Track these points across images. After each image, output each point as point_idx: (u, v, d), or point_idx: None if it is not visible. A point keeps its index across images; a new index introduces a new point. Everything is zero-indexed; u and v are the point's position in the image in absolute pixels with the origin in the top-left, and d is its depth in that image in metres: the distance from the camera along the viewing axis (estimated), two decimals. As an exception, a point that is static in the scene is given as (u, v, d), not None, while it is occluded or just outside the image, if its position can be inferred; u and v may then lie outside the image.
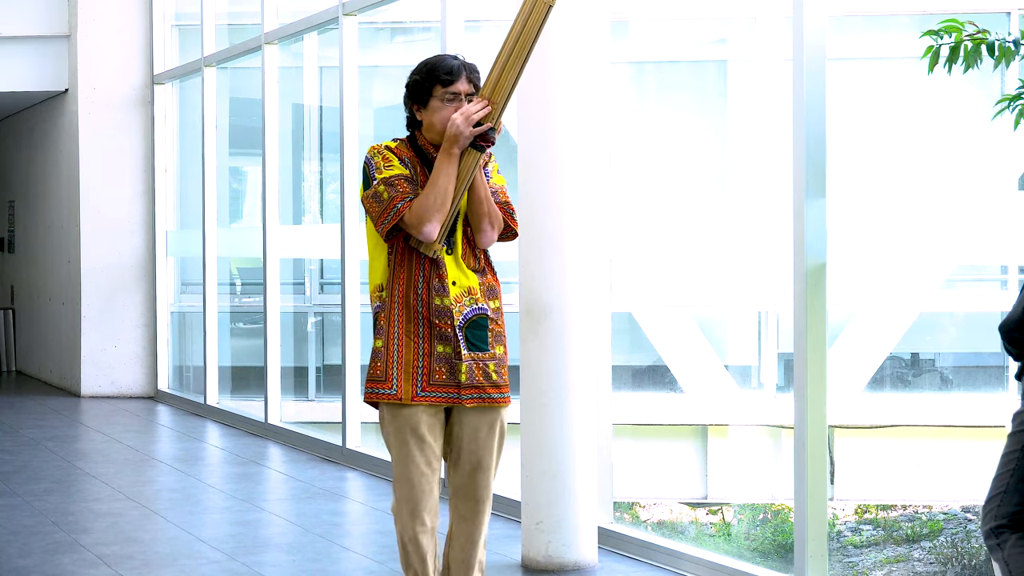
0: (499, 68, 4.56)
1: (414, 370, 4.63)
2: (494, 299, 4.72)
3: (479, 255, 4.71)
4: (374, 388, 4.71)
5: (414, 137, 4.72)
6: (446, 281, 4.61)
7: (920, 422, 10.78)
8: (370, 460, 9.03)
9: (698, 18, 11.48)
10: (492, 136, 4.57)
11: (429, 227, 4.52)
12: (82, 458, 9.89)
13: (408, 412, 4.64)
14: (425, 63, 4.68)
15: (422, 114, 4.68)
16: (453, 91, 4.61)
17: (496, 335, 4.71)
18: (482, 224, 4.65)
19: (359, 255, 9.47)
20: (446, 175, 4.53)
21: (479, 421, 4.68)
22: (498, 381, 4.69)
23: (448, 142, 4.54)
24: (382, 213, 4.58)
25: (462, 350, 4.62)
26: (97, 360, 13.39)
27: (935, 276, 10.80)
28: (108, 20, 13.29)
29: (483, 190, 4.63)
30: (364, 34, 9.92)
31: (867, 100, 10.90)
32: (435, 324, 4.61)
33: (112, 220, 13.31)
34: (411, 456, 4.63)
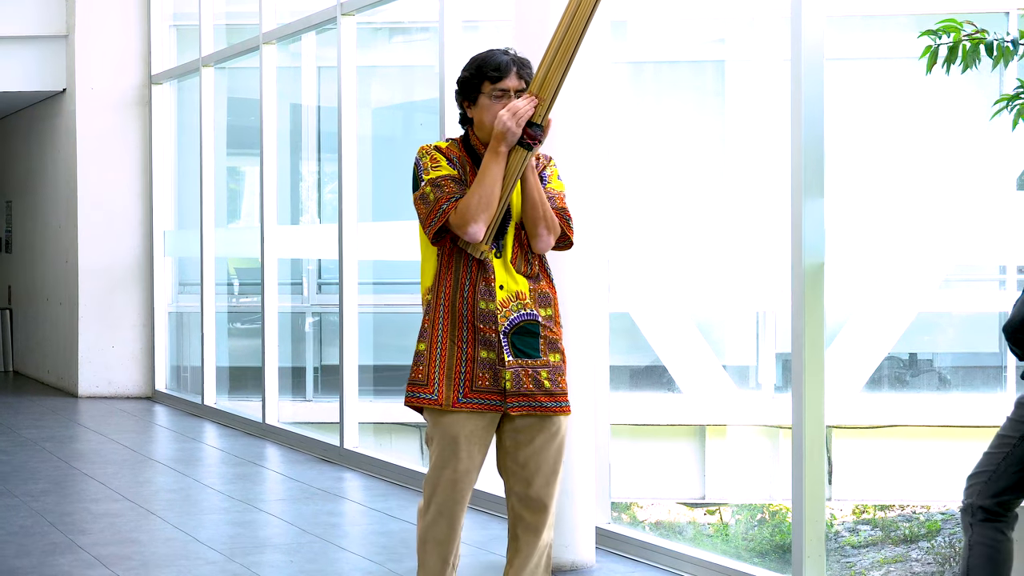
0: (547, 63, 4.43)
1: (456, 375, 4.50)
2: (547, 306, 4.57)
3: (532, 260, 4.57)
4: (415, 392, 4.58)
5: (467, 135, 4.61)
6: (493, 285, 4.49)
7: (918, 422, 10.78)
8: (368, 460, 9.03)
9: (696, 18, 11.48)
10: (539, 134, 4.43)
11: (475, 227, 4.40)
12: (79, 458, 9.88)
13: (450, 420, 4.51)
14: (474, 59, 4.57)
15: (472, 111, 4.57)
16: (502, 88, 4.49)
17: (550, 342, 4.55)
18: (537, 228, 4.52)
19: (357, 255, 9.46)
20: (492, 174, 4.42)
21: (534, 429, 4.55)
22: (552, 389, 4.53)
23: (495, 140, 4.42)
24: (429, 214, 4.46)
25: (506, 356, 4.48)
26: (94, 360, 13.38)
27: (933, 276, 10.80)
28: (106, 20, 13.28)
29: (536, 192, 4.50)
30: (362, 34, 9.91)
31: (865, 100, 10.90)
32: (479, 329, 4.48)
33: (110, 220, 13.31)
34: (446, 462, 4.51)
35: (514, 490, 4.61)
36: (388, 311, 11.75)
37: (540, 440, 4.54)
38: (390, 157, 11.96)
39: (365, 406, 9.80)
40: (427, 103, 10.39)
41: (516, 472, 4.58)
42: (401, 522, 7.50)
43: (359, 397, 9.46)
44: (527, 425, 4.53)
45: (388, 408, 11.28)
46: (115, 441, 10.64)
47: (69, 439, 10.87)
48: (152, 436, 11.28)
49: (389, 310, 11.76)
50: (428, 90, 10.10)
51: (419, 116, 11.83)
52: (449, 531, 4.56)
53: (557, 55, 4.40)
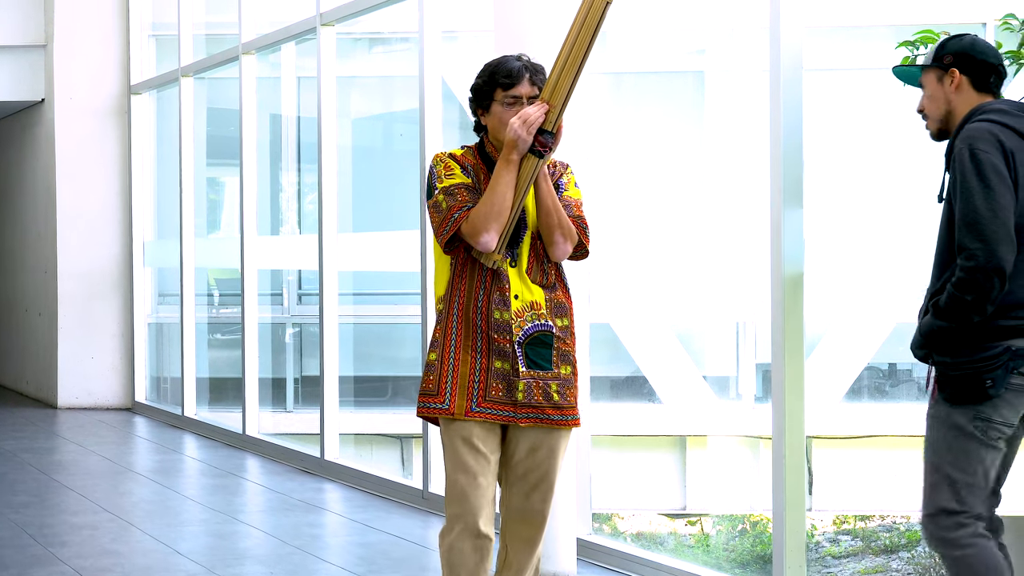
0: (558, 70, 4.36)
1: (469, 385, 4.43)
2: (563, 317, 4.51)
3: (549, 270, 4.52)
4: (426, 402, 4.49)
5: (482, 143, 4.56)
6: (508, 294, 4.43)
7: (898, 432, 10.79)
8: (348, 472, 9.01)
9: (676, 29, 11.51)
10: (551, 141, 4.38)
11: (487, 236, 4.36)
12: (59, 470, 9.85)
13: (463, 425, 4.44)
14: (487, 65, 4.52)
15: (486, 119, 4.52)
16: (514, 94, 4.45)
17: (562, 354, 4.49)
18: (554, 235, 4.47)
19: (337, 266, 9.45)
20: (504, 182, 4.36)
21: (537, 441, 4.49)
22: (560, 402, 4.48)
23: (507, 148, 4.37)
24: (441, 223, 4.41)
25: (520, 367, 4.43)
26: (74, 371, 13.35)
27: (912, 286, 10.82)
28: (85, 30, 13.26)
29: (550, 199, 4.45)
30: (342, 44, 9.91)
31: (844, 111, 10.93)
32: (494, 339, 4.42)
33: (89, 230, 13.28)
34: (465, 464, 4.43)
35: (511, 503, 4.57)
36: (368, 322, 11.74)
37: (542, 453, 4.51)
38: (370, 167, 11.96)
39: (345, 417, 9.78)
40: (407, 113, 10.40)
41: (514, 484, 4.54)
42: (381, 533, 7.49)
43: (339, 408, 9.44)
44: (531, 436, 4.49)
45: (368, 419, 11.27)
46: (95, 452, 10.61)
47: (48, 451, 10.83)
48: (132, 447, 11.25)
49: (369, 321, 11.75)
50: (408, 100, 10.10)
51: (399, 126, 11.83)
52: (474, 549, 4.45)
53: (568, 60, 4.34)
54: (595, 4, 4.31)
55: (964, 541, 4.20)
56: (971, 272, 4.08)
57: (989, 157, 4.13)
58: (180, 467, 10.19)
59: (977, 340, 4.15)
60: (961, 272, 4.11)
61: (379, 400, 11.91)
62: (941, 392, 4.24)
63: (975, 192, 4.11)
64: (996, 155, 4.13)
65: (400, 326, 11.53)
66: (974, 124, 4.21)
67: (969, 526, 4.21)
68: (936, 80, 4.35)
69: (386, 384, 12.04)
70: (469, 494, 4.43)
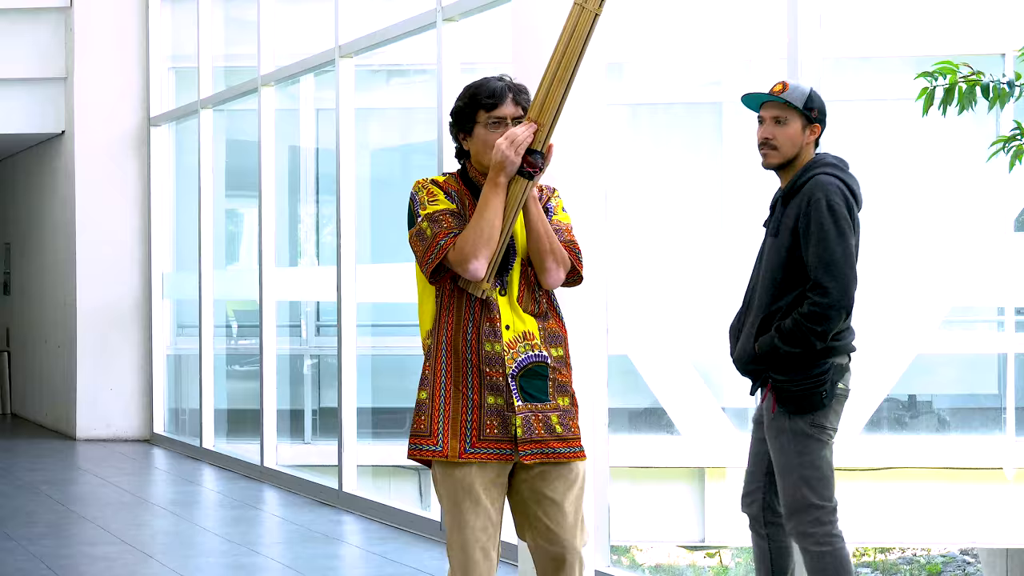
0: (545, 87, 4.16)
1: (462, 424, 4.19)
2: (557, 346, 4.29)
3: (540, 298, 4.29)
4: (418, 444, 4.24)
5: (464, 169, 4.34)
6: (498, 325, 4.21)
7: (917, 464, 10.75)
8: (366, 504, 9.00)
9: (693, 60, 11.53)
10: (540, 161, 4.17)
11: (475, 264, 4.12)
12: (77, 501, 9.85)
13: (461, 472, 4.19)
14: (468, 87, 4.31)
15: (468, 143, 4.30)
16: (498, 115, 4.22)
17: (559, 385, 4.27)
18: (545, 262, 4.24)
19: (355, 297, 9.45)
20: (492, 207, 4.14)
21: (552, 479, 4.26)
22: (564, 434, 4.25)
23: (493, 170, 4.14)
24: (426, 251, 4.19)
25: (515, 401, 4.19)
26: (93, 403, 13.36)
27: (932, 317, 10.79)
28: (105, 63, 13.32)
29: (540, 224, 4.23)
30: (360, 76, 9.94)
31: (862, 141, 10.92)
32: (485, 373, 4.19)
33: (108, 262, 13.31)
34: (465, 520, 4.19)
35: (539, 546, 4.33)
36: (387, 353, 11.73)
37: (561, 488, 4.28)
38: (388, 199, 11.97)
39: (364, 449, 9.77)
40: (425, 145, 10.41)
41: (538, 526, 4.29)
42: (400, 565, 7.47)
43: (358, 440, 9.44)
44: (544, 473, 4.25)
45: (387, 451, 11.25)
46: (113, 484, 10.61)
47: (67, 482, 10.84)
48: (150, 479, 11.25)
49: (388, 352, 11.74)
50: (426, 132, 10.11)
51: (417, 158, 11.86)
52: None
53: (556, 76, 4.16)
54: (584, 15, 4.15)
55: (825, 538, 4.82)
56: (825, 307, 4.71)
57: (842, 209, 4.76)
58: (198, 499, 10.19)
59: (809, 360, 4.79)
60: (814, 306, 4.72)
61: (397, 432, 11.89)
62: (782, 406, 4.85)
63: (832, 238, 4.72)
64: (845, 207, 4.77)
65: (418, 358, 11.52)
66: (825, 177, 4.82)
67: (829, 523, 4.85)
68: (801, 126, 4.90)
69: (404, 415, 12.02)
70: (469, 550, 4.21)
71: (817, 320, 4.71)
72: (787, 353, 4.77)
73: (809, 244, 4.74)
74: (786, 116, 4.89)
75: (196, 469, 11.40)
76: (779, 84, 4.96)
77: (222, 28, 12.49)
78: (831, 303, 4.71)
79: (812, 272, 4.73)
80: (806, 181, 4.84)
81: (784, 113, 4.89)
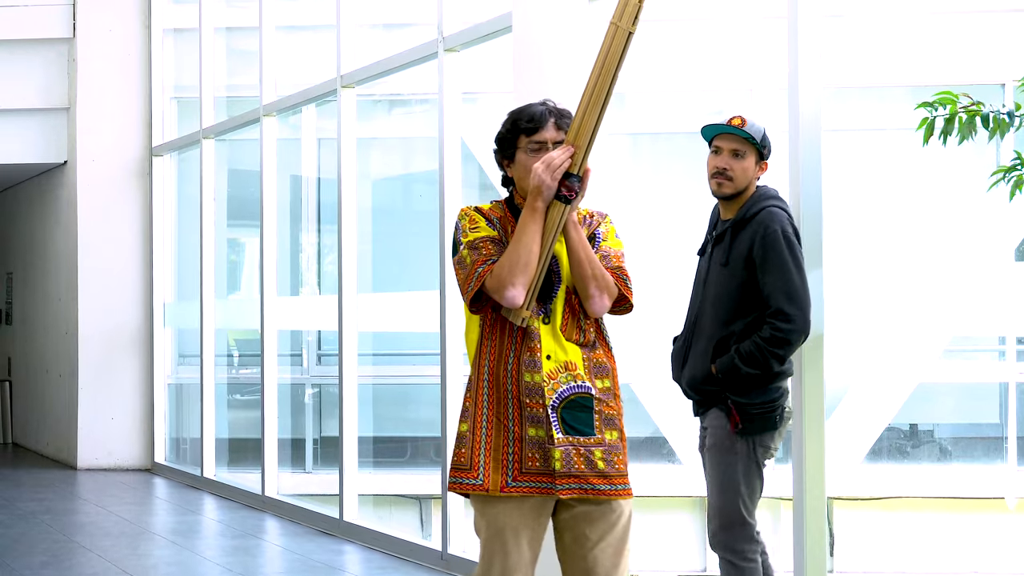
0: (582, 109, 4.11)
1: (504, 457, 4.09)
2: (604, 377, 4.19)
3: (587, 326, 4.20)
4: (459, 478, 4.15)
5: (511, 196, 4.28)
6: (538, 355, 4.11)
7: (919, 494, 10.73)
8: (367, 533, 8.99)
9: (694, 89, 11.55)
10: (577, 185, 4.09)
11: (512, 291, 4.04)
12: (78, 531, 9.84)
13: (498, 509, 4.11)
14: (510, 113, 4.27)
15: (512, 169, 4.25)
16: (538, 140, 4.17)
17: (606, 418, 4.16)
18: (588, 288, 4.14)
19: (357, 326, 9.46)
20: (530, 232, 4.05)
21: (588, 519, 4.14)
22: (606, 470, 4.13)
23: (531, 196, 4.08)
24: (466, 279, 4.13)
25: (555, 433, 4.08)
26: (94, 432, 13.36)
27: (933, 346, 10.79)
28: (107, 93, 13.36)
29: (581, 249, 4.13)
30: (362, 106, 9.96)
31: (863, 171, 10.93)
32: (526, 404, 4.10)
33: (110, 292, 13.32)
34: (494, 557, 4.11)
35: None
36: (388, 382, 11.73)
37: (600, 529, 4.15)
38: (390, 228, 11.98)
39: (365, 478, 9.76)
40: (426, 174, 10.43)
41: (576, 567, 4.19)
42: (400, 595, 7.46)
43: (359, 469, 9.43)
44: (585, 513, 4.14)
45: (388, 480, 11.24)
46: (114, 513, 10.60)
47: (68, 511, 10.83)
48: (151, 508, 11.24)
49: (389, 381, 11.74)
50: (428, 161, 10.13)
51: (419, 187, 11.87)
52: None
53: (592, 98, 4.09)
54: (618, 35, 4.08)
55: (751, 555, 5.08)
56: (787, 332, 4.97)
57: (794, 239, 5.05)
58: (199, 528, 10.17)
59: (764, 382, 5.03)
60: (777, 331, 4.97)
61: (398, 461, 11.89)
62: (741, 425, 5.04)
63: (791, 267, 5.00)
64: (795, 237, 5.08)
65: (419, 387, 11.52)
66: (776, 210, 5.08)
67: (756, 543, 5.10)
68: (755, 161, 5.15)
69: (405, 445, 12.02)
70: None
71: (779, 344, 4.97)
72: (746, 375, 5.00)
73: (767, 273, 5.01)
74: (745, 150, 5.14)
75: (197, 498, 11.39)
76: (738, 118, 5.17)
77: (224, 58, 12.53)
78: (793, 328, 4.98)
79: (773, 300, 4.99)
80: (756, 212, 5.09)
81: (743, 147, 5.13)
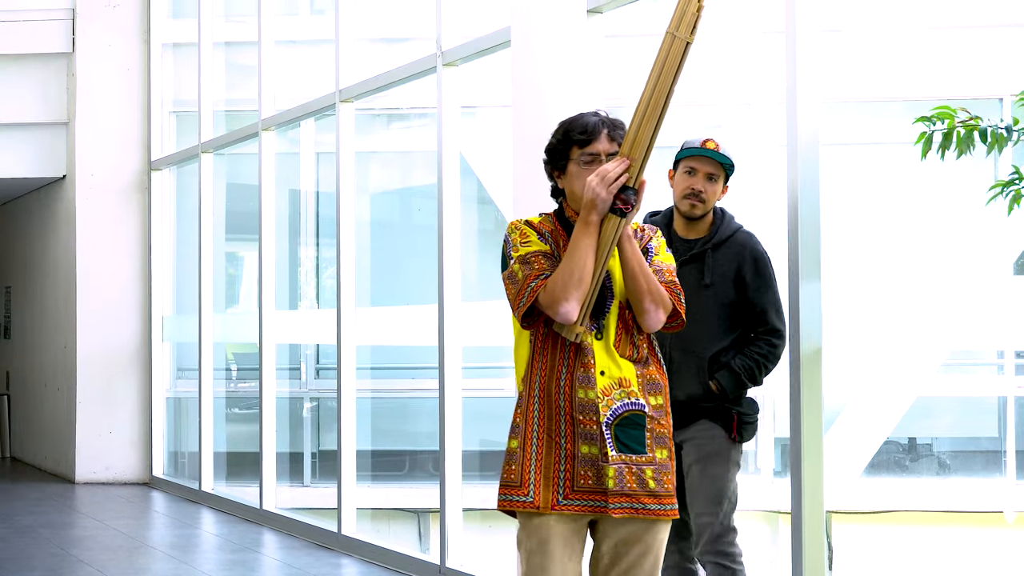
0: (637, 121, 4.01)
1: (555, 475, 4.02)
2: (657, 394, 4.10)
3: (640, 342, 4.11)
4: (508, 495, 4.06)
5: (561, 208, 4.20)
6: (592, 371, 4.03)
7: (918, 507, 10.73)
8: (365, 547, 8.98)
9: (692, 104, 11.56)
10: (633, 198, 3.99)
11: (566, 307, 3.95)
12: (76, 545, 9.83)
13: (539, 521, 4.02)
14: (562, 123, 4.18)
15: (563, 181, 4.15)
16: (591, 152, 4.07)
17: (657, 436, 4.07)
18: (643, 303, 4.04)
19: (355, 340, 9.46)
20: (583, 247, 3.96)
21: (632, 536, 4.06)
22: (656, 490, 4.03)
23: (585, 209, 3.98)
24: (517, 294, 4.03)
25: (609, 451, 3.99)
26: (92, 446, 13.34)
27: (932, 360, 10.79)
28: (106, 107, 13.37)
29: (635, 263, 4.04)
30: (360, 120, 9.97)
31: (861, 185, 10.95)
32: (579, 421, 4.01)
33: (108, 306, 13.32)
34: (538, 571, 4.03)
35: None
36: (386, 396, 11.73)
37: (637, 550, 4.08)
38: (388, 242, 12.00)
39: (363, 492, 9.75)
40: (425, 188, 10.44)
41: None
42: (399, 609, 7.45)
43: (357, 482, 9.43)
44: (627, 533, 4.07)
45: (386, 494, 11.23)
46: (112, 527, 10.59)
47: (66, 525, 10.82)
48: (149, 522, 11.23)
49: (387, 395, 11.74)
50: (426, 175, 10.15)
51: (417, 201, 11.89)
52: None
53: (648, 109, 4.01)
54: (675, 45, 4.00)
55: (740, 557, 5.24)
56: (779, 348, 5.25)
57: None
58: (197, 542, 10.16)
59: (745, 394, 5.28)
60: (773, 348, 5.23)
61: (397, 474, 11.89)
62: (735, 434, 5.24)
63: (775, 285, 5.25)
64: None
65: (418, 400, 11.52)
66: (748, 232, 5.35)
67: (739, 546, 5.26)
68: (723, 185, 5.34)
69: (403, 458, 12.02)
70: None
71: (775, 359, 5.24)
72: (743, 389, 5.26)
73: (761, 293, 5.25)
74: (718, 174, 5.31)
75: (195, 512, 11.38)
76: (712, 141, 5.30)
77: (223, 73, 12.54)
78: (783, 344, 5.28)
79: (767, 317, 5.25)
80: (731, 234, 5.33)
81: (717, 171, 5.30)
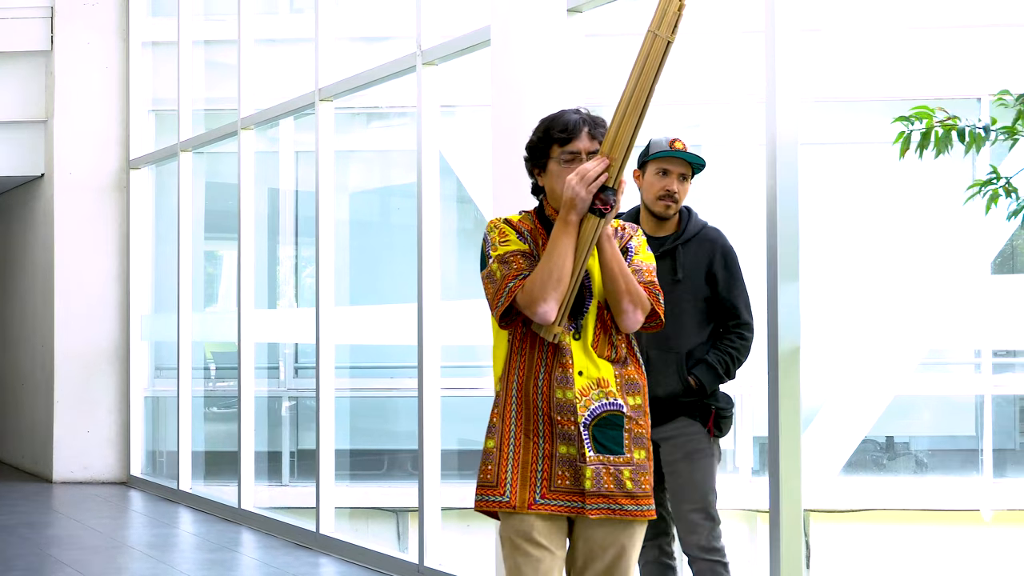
0: (617, 120, 3.97)
1: (532, 474, 4.02)
2: (635, 395, 4.09)
3: (618, 342, 4.10)
4: (485, 495, 4.07)
5: (541, 206, 4.19)
6: (570, 371, 4.02)
7: (896, 506, 10.76)
8: (344, 546, 8.97)
9: (672, 103, 11.58)
10: (611, 198, 3.96)
11: (544, 307, 3.94)
12: (54, 545, 9.80)
13: (520, 517, 4.02)
14: (542, 121, 4.16)
15: (543, 179, 4.14)
16: (571, 150, 4.06)
17: (635, 437, 4.06)
18: (622, 303, 4.03)
19: (334, 339, 9.45)
20: (562, 246, 3.94)
21: (605, 538, 4.06)
22: (634, 491, 4.03)
23: (564, 208, 3.97)
24: (495, 294, 4.03)
25: (587, 452, 3.99)
26: (70, 445, 13.31)
27: (909, 359, 10.82)
28: (85, 105, 13.33)
29: (615, 263, 4.02)
30: (340, 119, 9.96)
31: (840, 184, 10.97)
32: (557, 421, 4.01)
33: (86, 304, 13.29)
34: (519, 567, 4.02)
35: None
36: (365, 395, 11.72)
37: (613, 552, 4.09)
38: (368, 241, 11.98)
39: (342, 491, 9.75)
40: (405, 187, 10.43)
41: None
42: (377, 608, 7.44)
43: (335, 482, 9.42)
44: (603, 534, 4.07)
45: (364, 493, 11.22)
46: (90, 527, 10.56)
47: (43, 525, 10.79)
48: (127, 521, 11.20)
49: (366, 394, 11.73)
50: (406, 174, 10.14)
51: (396, 200, 11.88)
52: None
53: (628, 108, 3.96)
54: (656, 44, 3.95)
55: (724, 550, 5.31)
56: (750, 341, 5.34)
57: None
58: (175, 541, 10.14)
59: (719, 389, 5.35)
60: (745, 341, 5.31)
61: (375, 474, 11.87)
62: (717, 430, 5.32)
63: (743, 279, 5.35)
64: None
65: (397, 399, 11.52)
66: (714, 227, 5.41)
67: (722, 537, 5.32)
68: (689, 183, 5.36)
69: (382, 458, 12.01)
70: None
71: (747, 352, 5.34)
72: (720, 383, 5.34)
73: (732, 288, 5.33)
74: (688, 174, 5.35)
75: (173, 511, 11.36)
76: (680, 142, 5.31)
77: (202, 71, 12.52)
78: (753, 337, 5.37)
79: (739, 312, 5.33)
80: (699, 230, 5.38)
81: (687, 171, 5.34)
